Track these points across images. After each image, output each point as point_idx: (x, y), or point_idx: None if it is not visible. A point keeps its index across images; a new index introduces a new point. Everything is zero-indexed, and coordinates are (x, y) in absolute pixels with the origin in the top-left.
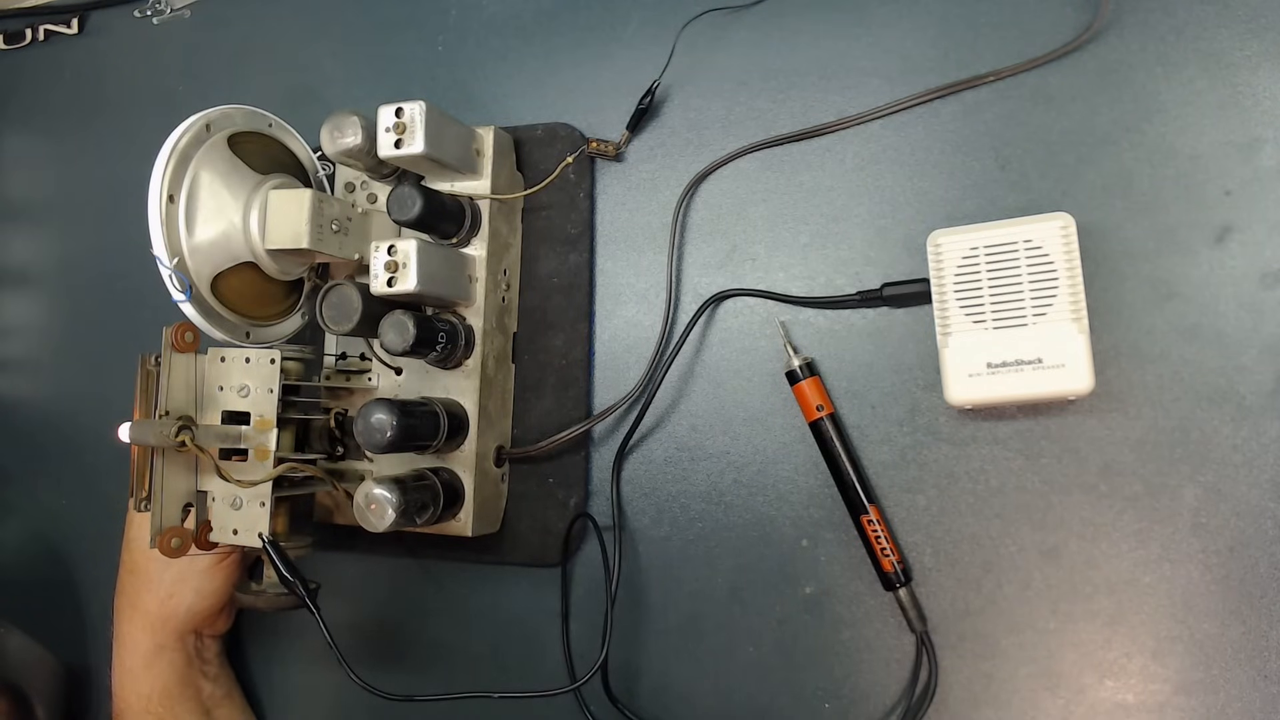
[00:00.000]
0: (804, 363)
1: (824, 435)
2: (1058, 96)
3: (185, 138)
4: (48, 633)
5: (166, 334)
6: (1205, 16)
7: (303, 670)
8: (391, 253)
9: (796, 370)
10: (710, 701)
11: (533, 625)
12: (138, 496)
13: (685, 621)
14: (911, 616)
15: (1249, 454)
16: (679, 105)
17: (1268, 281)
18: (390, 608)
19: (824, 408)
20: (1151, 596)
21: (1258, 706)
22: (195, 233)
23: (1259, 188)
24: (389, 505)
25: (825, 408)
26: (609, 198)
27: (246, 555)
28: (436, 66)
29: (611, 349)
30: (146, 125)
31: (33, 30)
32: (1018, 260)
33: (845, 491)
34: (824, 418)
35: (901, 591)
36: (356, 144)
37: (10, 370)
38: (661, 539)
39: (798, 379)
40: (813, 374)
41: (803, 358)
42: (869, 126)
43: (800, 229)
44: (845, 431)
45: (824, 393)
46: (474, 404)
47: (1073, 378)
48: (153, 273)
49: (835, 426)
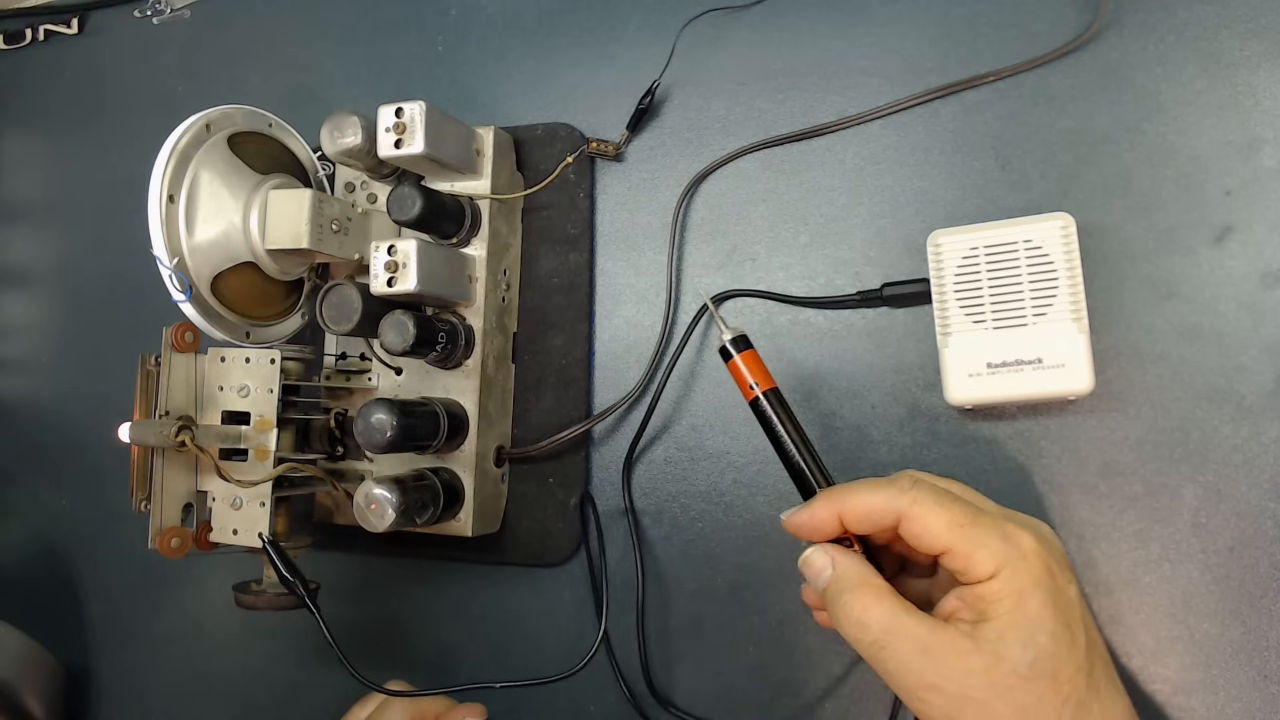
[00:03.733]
0: (735, 336)
1: (765, 414)
2: (1058, 96)
3: (185, 138)
4: (47, 633)
5: (166, 334)
6: (1205, 16)
7: (303, 670)
8: (391, 253)
9: (727, 345)
10: (710, 701)
11: (533, 625)
12: (138, 497)
13: (685, 621)
14: None
15: (1249, 454)
16: (679, 105)
17: (1268, 281)
18: (390, 608)
19: (759, 385)
20: (1151, 596)
21: (1258, 706)
22: (195, 233)
23: (1259, 188)
24: (389, 505)
25: (761, 384)
26: (609, 198)
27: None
28: (436, 66)
29: (611, 349)
30: (146, 125)
31: (33, 30)
32: (1018, 260)
33: (797, 476)
34: (764, 393)
35: None
36: (356, 144)
37: (10, 370)
38: (661, 539)
39: (730, 355)
40: (748, 347)
41: (735, 330)
42: (869, 126)
43: (800, 229)
44: (789, 409)
45: (763, 368)
46: (474, 404)
47: (1073, 378)
48: (153, 273)
49: (778, 402)
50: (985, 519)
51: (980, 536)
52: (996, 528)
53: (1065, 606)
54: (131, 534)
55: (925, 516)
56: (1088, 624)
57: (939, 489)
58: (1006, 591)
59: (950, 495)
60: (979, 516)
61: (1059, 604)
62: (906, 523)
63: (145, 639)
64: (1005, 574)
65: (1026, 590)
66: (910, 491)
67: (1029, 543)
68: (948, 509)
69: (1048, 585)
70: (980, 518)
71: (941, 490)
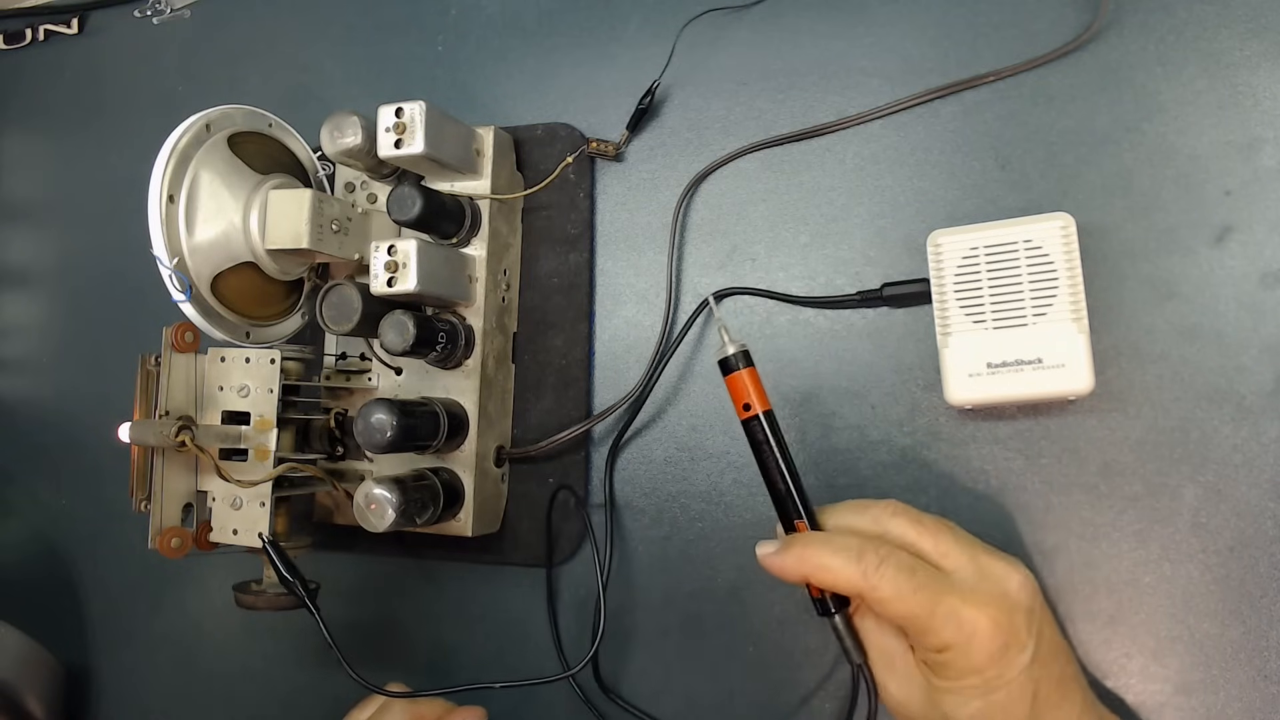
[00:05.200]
0: (739, 350)
1: (755, 437)
2: (1058, 96)
3: (185, 138)
4: (47, 633)
5: (166, 334)
6: (1205, 16)
7: (303, 670)
8: (391, 253)
9: (730, 358)
10: (710, 701)
11: (533, 625)
12: (138, 497)
13: (685, 621)
14: (848, 646)
15: (1249, 454)
16: (679, 105)
17: (1268, 281)
18: (390, 608)
19: (751, 406)
20: (1151, 596)
21: (1258, 706)
22: (195, 233)
23: (1259, 188)
24: (389, 505)
25: (758, 405)
26: (609, 198)
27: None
28: (436, 66)
29: (611, 349)
30: (146, 125)
31: (33, 30)
32: (1018, 260)
33: (779, 502)
34: (756, 416)
35: (836, 618)
36: (356, 144)
37: (10, 370)
38: (661, 539)
39: (732, 368)
40: (749, 364)
41: (738, 345)
42: (869, 126)
43: (800, 229)
44: (781, 434)
45: (760, 388)
46: (474, 404)
47: (1073, 378)
48: (153, 273)
49: (772, 427)
50: (942, 609)
51: (933, 625)
52: (951, 616)
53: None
54: (131, 534)
55: (884, 603)
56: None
57: (905, 571)
58: (953, 665)
59: (913, 581)
60: (936, 607)
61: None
62: (866, 601)
63: (145, 639)
64: (950, 654)
65: (967, 671)
66: (874, 577)
67: (983, 629)
68: (904, 601)
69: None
70: (937, 608)
71: (906, 573)
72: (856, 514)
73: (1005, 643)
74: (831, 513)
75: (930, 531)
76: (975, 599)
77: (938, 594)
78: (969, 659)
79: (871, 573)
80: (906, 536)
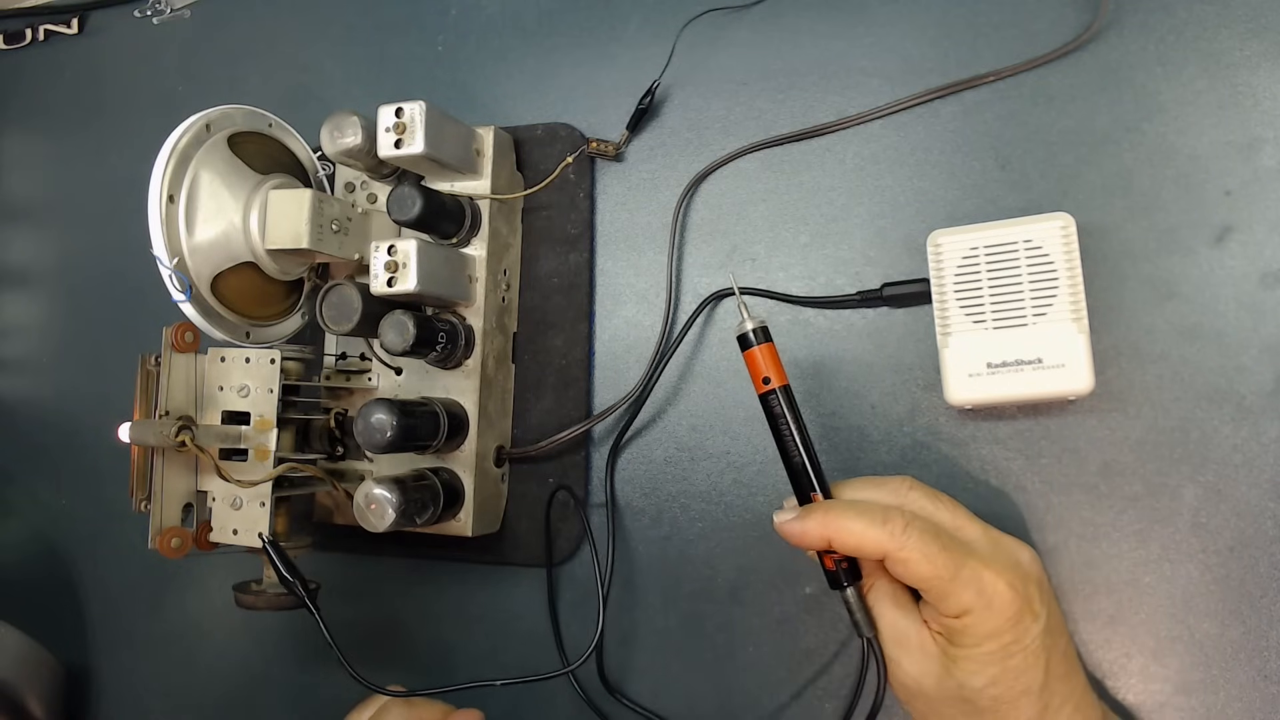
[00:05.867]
0: (758, 325)
1: (773, 410)
2: (1058, 96)
3: (185, 138)
4: (47, 633)
5: (166, 334)
6: (1205, 16)
7: (303, 670)
8: (391, 253)
9: (749, 334)
10: (710, 701)
11: (533, 625)
12: (138, 497)
13: (685, 621)
14: (859, 619)
15: (1249, 454)
16: (679, 105)
17: (1268, 281)
18: (390, 608)
19: (770, 380)
20: (1151, 596)
21: (1258, 706)
22: (195, 233)
23: (1259, 188)
24: (389, 505)
25: (776, 379)
26: (609, 198)
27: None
28: (436, 66)
29: (611, 349)
30: (146, 125)
31: (33, 30)
32: (1018, 260)
33: (795, 476)
34: (775, 390)
35: (848, 591)
36: (356, 144)
37: (10, 370)
38: (661, 539)
39: (750, 344)
40: (768, 339)
41: (758, 320)
42: (869, 126)
43: (800, 229)
44: (798, 409)
45: (778, 363)
46: (474, 404)
47: (1073, 378)
48: (153, 273)
49: (789, 400)
50: (965, 571)
51: (955, 589)
52: (974, 580)
53: (1019, 651)
54: (131, 534)
55: (909, 564)
56: (1050, 657)
57: (929, 534)
58: (972, 630)
59: (938, 543)
60: (960, 570)
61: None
62: (891, 564)
63: (145, 639)
64: (970, 619)
65: (985, 636)
66: (900, 537)
67: (1001, 593)
68: (932, 561)
69: (1011, 630)
70: (961, 570)
71: (931, 536)
72: (874, 488)
73: (1021, 609)
74: (847, 487)
75: (947, 505)
76: (994, 565)
77: (962, 556)
78: (988, 623)
79: (899, 533)
80: (925, 509)
